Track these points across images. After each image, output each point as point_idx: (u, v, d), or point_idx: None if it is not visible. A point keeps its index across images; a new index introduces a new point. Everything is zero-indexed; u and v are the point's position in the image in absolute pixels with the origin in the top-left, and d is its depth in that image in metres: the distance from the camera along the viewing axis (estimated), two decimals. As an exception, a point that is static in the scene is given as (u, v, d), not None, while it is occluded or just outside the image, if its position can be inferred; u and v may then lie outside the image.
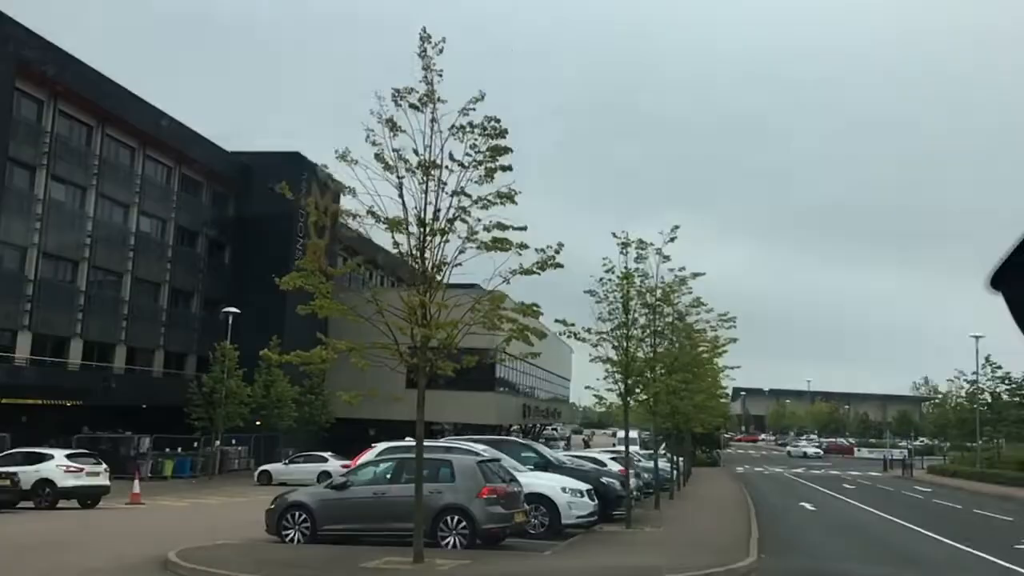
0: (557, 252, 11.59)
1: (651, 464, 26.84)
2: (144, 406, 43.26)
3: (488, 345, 14.47)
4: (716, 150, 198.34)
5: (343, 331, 11.67)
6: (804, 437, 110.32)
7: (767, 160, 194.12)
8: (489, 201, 11.23)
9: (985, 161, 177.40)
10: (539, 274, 11.57)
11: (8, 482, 22.10)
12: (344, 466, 38.53)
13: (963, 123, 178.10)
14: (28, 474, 23.25)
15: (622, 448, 42.42)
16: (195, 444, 41.63)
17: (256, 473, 38.50)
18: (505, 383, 65.67)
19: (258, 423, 45.43)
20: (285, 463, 39.01)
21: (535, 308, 11.51)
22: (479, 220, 11.29)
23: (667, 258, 19.69)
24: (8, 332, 36.36)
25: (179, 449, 40.94)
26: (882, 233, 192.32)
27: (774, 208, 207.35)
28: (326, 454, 39.47)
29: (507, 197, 11.15)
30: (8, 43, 34.39)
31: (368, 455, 16.87)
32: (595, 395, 20.32)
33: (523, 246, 11.28)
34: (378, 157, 11.56)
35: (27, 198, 36.94)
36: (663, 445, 51.21)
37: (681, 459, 36.53)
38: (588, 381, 20.67)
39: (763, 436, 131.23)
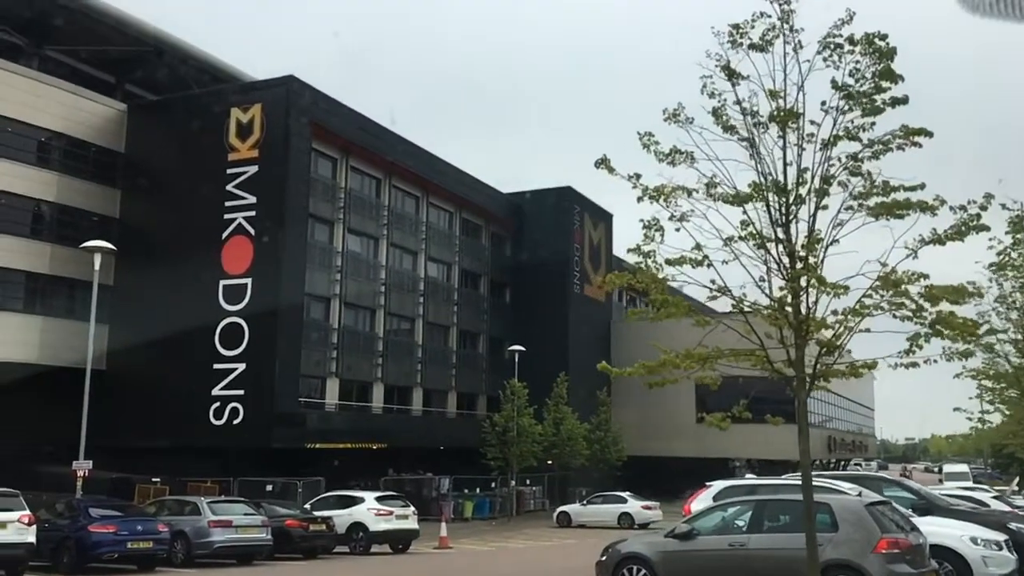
0: (984, 208, 8.24)
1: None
2: (441, 447, 43.83)
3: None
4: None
5: (629, 356, 9.37)
6: None
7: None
8: (884, 146, 8.23)
9: None
10: (962, 242, 8.32)
11: (324, 526, 22.02)
12: (644, 507, 36.28)
13: None
14: (342, 518, 23.16)
15: (954, 484, 36.00)
16: (492, 484, 41.23)
17: (555, 514, 37.09)
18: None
19: (549, 462, 44.30)
20: (583, 504, 37.30)
21: (969, 287, 8.23)
22: (869, 173, 8.33)
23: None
24: (318, 380, 38.21)
25: (477, 490, 40.74)
26: None
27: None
28: (624, 494, 37.27)
29: (915, 134, 8.06)
30: (306, 107, 36.63)
31: (703, 496, 14.16)
32: (969, 418, 16.59)
33: (940, 202, 8.10)
34: (716, 113, 9.06)
35: (327, 251, 38.95)
36: (1016, 480, 43.34)
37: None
38: (891, 410, 16.77)
39: None
